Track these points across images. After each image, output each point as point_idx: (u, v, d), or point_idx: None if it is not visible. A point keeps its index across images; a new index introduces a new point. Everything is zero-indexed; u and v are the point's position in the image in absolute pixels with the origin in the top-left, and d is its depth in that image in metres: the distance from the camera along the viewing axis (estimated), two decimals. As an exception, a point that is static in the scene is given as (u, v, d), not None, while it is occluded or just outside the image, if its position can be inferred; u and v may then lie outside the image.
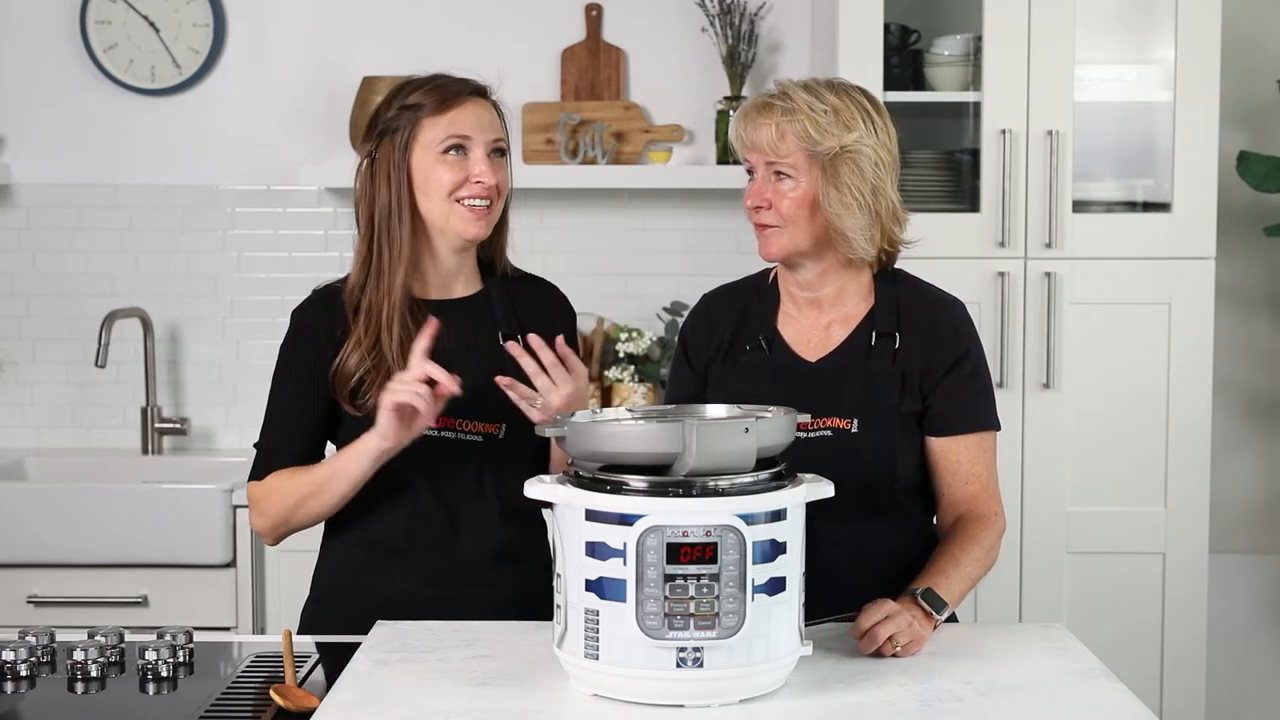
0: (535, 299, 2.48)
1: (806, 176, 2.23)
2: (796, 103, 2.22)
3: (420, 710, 1.85)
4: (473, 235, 2.35)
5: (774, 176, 2.25)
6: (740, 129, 2.27)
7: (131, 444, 4.08)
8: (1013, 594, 3.57)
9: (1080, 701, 1.91)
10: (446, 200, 2.33)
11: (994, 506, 2.30)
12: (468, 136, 2.34)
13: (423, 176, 2.34)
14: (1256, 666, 4.12)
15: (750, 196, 2.27)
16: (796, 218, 2.25)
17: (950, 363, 2.29)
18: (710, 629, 1.78)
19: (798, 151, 2.22)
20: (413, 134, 2.34)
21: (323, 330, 2.37)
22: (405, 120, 2.34)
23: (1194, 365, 3.56)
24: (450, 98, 2.35)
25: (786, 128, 2.22)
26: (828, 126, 2.21)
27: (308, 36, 4.06)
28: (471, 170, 2.33)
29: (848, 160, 2.22)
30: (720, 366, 2.36)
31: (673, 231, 4.08)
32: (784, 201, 2.25)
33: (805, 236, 2.26)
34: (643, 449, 1.84)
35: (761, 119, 2.24)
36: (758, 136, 2.24)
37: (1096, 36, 3.70)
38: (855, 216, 2.24)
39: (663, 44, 4.06)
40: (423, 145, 2.33)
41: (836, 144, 2.21)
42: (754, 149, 2.25)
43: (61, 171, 4.07)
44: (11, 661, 2.07)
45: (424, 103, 2.34)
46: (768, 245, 2.28)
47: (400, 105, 2.36)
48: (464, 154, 2.34)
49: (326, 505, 2.34)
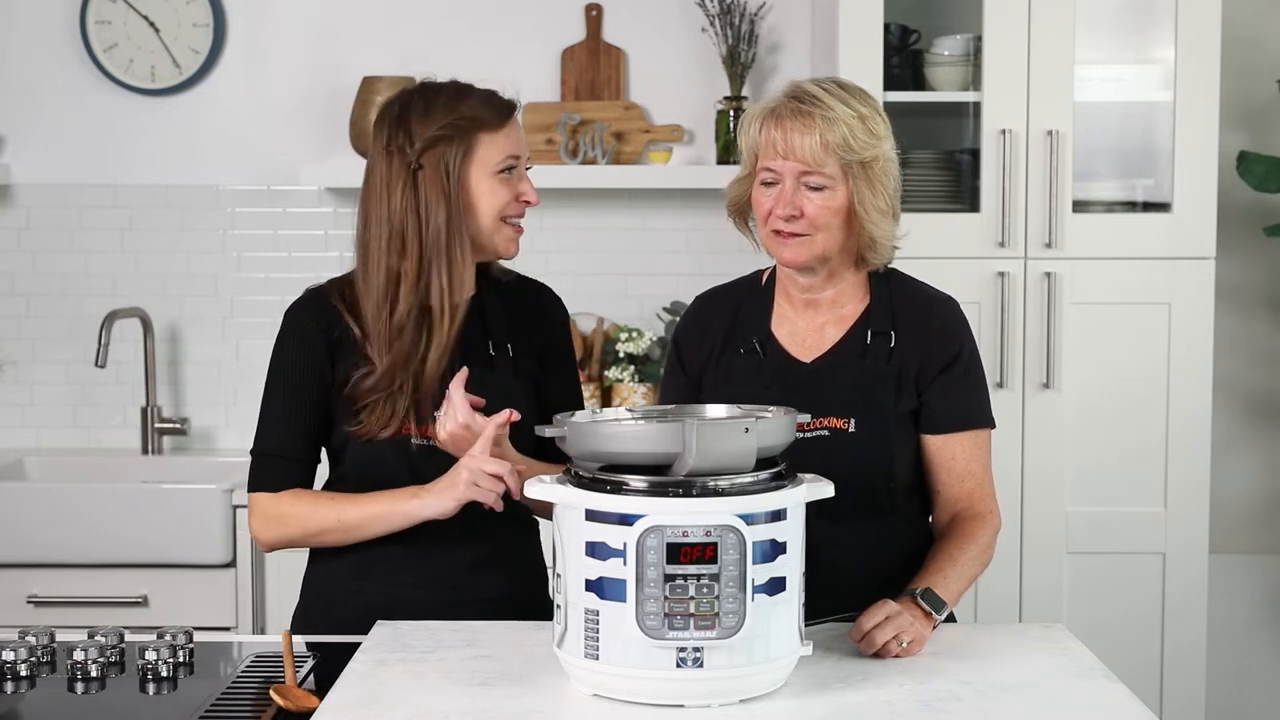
0: (528, 303, 2.45)
1: (842, 185, 2.22)
2: (837, 112, 2.20)
3: (420, 710, 1.85)
4: (512, 254, 2.36)
5: (804, 185, 2.22)
6: (772, 136, 2.22)
7: (131, 444, 4.08)
8: (1012, 594, 3.57)
9: (1080, 701, 1.91)
10: (495, 219, 2.30)
11: (989, 504, 2.31)
12: (519, 156, 2.32)
13: (477, 193, 2.28)
14: (1256, 666, 4.12)
15: (781, 205, 2.23)
16: (830, 226, 2.24)
17: (945, 361, 2.30)
18: (710, 629, 1.78)
19: (833, 161, 2.21)
20: (470, 149, 2.27)
21: (317, 331, 2.33)
22: (462, 134, 2.27)
23: (1194, 365, 3.56)
24: (506, 114, 2.30)
25: (830, 138, 2.19)
26: (863, 135, 2.21)
27: (308, 36, 4.06)
28: (519, 189, 2.31)
29: (880, 168, 2.23)
30: (714, 369, 2.35)
31: (673, 231, 4.08)
32: (820, 211, 2.22)
33: (835, 244, 2.26)
34: (643, 449, 1.84)
35: (802, 127, 2.20)
36: (799, 145, 2.20)
37: (1096, 36, 3.70)
38: (888, 224, 2.26)
39: (663, 44, 4.06)
40: (480, 162, 2.28)
41: (871, 154, 2.21)
42: (788, 156, 2.21)
43: (61, 171, 4.07)
44: (11, 661, 2.07)
45: (484, 117, 2.28)
46: (795, 253, 2.25)
47: (456, 117, 2.27)
48: (511, 173, 2.31)
49: (350, 541, 2.32)
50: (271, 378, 2.36)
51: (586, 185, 3.96)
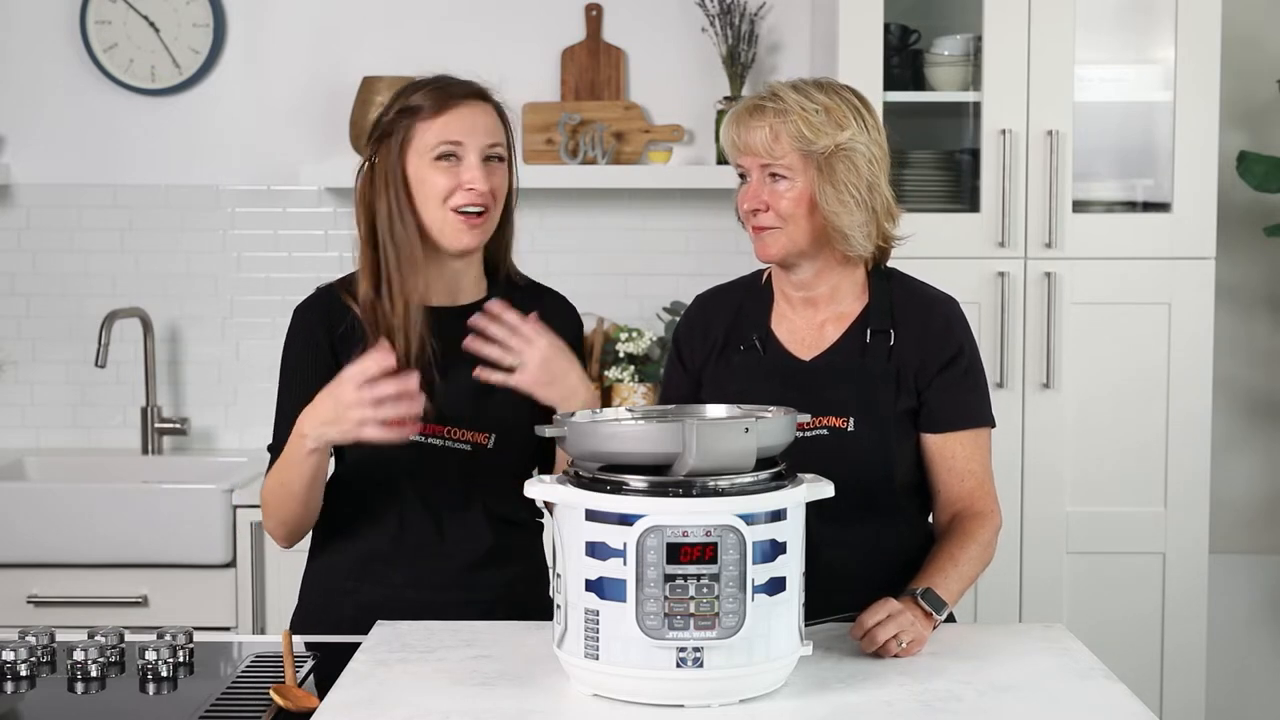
0: (538, 308, 2.44)
1: (802, 176, 2.24)
2: (788, 103, 2.22)
3: (420, 710, 1.85)
4: (463, 246, 2.32)
5: (769, 178, 2.25)
6: (732, 133, 2.27)
7: (131, 444, 4.08)
8: (1012, 594, 3.57)
9: (1080, 701, 1.91)
10: (441, 208, 2.30)
11: (990, 503, 2.31)
12: (459, 142, 2.30)
13: (417, 180, 2.30)
14: (1256, 666, 4.12)
15: (746, 199, 2.27)
16: (795, 217, 2.25)
17: (944, 360, 2.30)
18: (710, 629, 1.78)
19: (792, 152, 2.23)
20: (407, 138, 2.30)
21: (322, 329, 2.35)
22: (401, 124, 2.31)
23: (1194, 365, 3.56)
24: (446, 101, 2.30)
25: (780, 129, 2.22)
26: (821, 125, 2.22)
27: (308, 36, 4.06)
28: (462, 177, 2.29)
29: (843, 158, 2.23)
30: (714, 368, 2.36)
31: (673, 231, 4.08)
32: (781, 202, 2.25)
33: (803, 236, 2.27)
34: (643, 449, 1.84)
35: (754, 121, 2.24)
36: (751, 139, 2.24)
37: (1096, 36, 3.70)
38: (853, 214, 2.25)
39: (663, 44, 4.06)
40: (417, 150, 2.30)
41: (831, 143, 2.22)
42: (747, 152, 2.25)
43: (61, 171, 4.07)
44: (11, 661, 2.07)
45: (420, 105, 2.30)
46: (766, 247, 2.28)
47: (397, 108, 2.32)
48: (456, 160, 2.30)
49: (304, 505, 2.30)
50: (281, 376, 2.39)
51: (586, 185, 3.97)
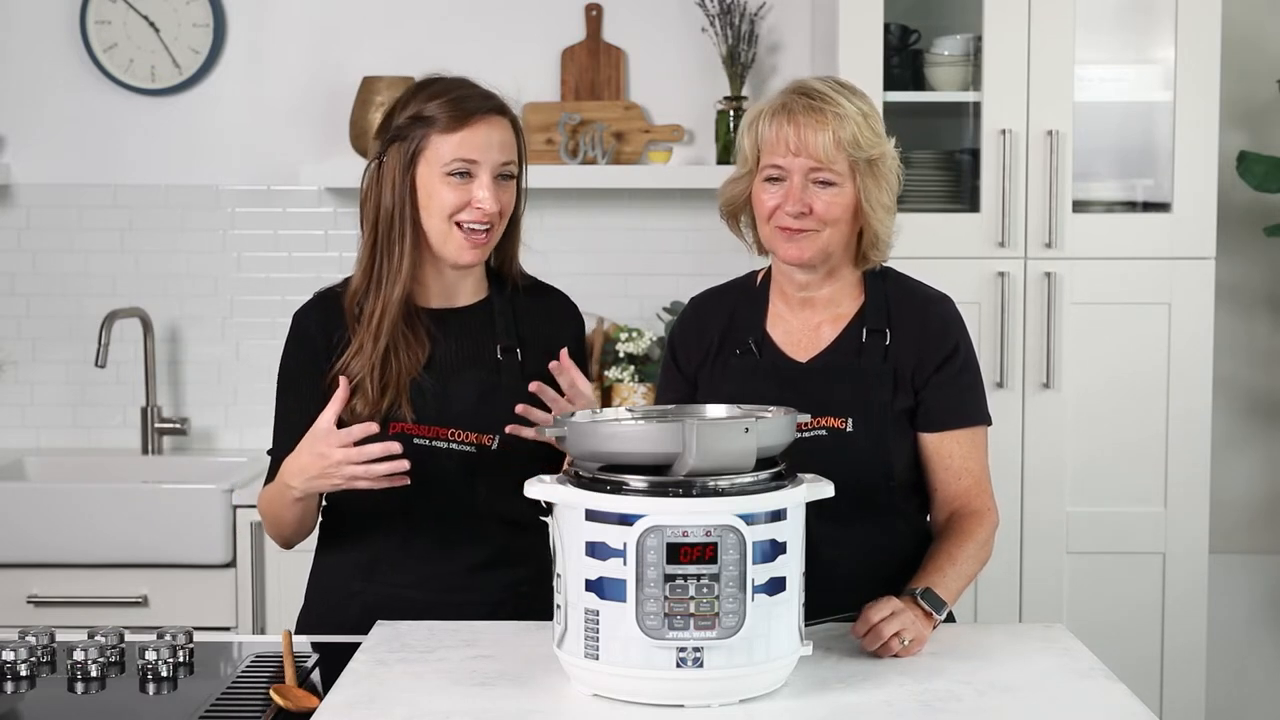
0: (541, 309, 2.44)
1: (850, 182, 2.24)
2: (846, 110, 2.22)
3: (420, 710, 1.85)
4: (464, 261, 2.32)
5: (814, 183, 2.23)
6: (784, 132, 2.22)
7: (131, 444, 4.08)
8: (1012, 594, 3.57)
9: (1080, 701, 1.91)
10: (446, 221, 2.29)
11: (987, 502, 2.31)
12: (475, 161, 2.28)
13: (426, 192, 2.29)
14: (1256, 666, 4.12)
15: (790, 201, 2.23)
16: (839, 222, 2.25)
17: (941, 359, 2.30)
18: (710, 629, 1.78)
19: (843, 159, 2.22)
20: (420, 147, 2.28)
21: (320, 335, 2.35)
22: (415, 132, 2.29)
23: (1194, 365, 3.56)
24: (464, 117, 2.28)
25: (841, 135, 2.21)
26: (869, 134, 2.23)
27: (308, 36, 4.06)
28: (474, 195, 2.28)
29: (883, 166, 2.25)
30: (710, 371, 2.36)
31: (673, 231, 4.08)
32: (830, 208, 2.23)
33: (840, 241, 2.27)
34: (643, 449, 1.84)
35: (815, 123, 2.21)
36: (813, 142, 2.21)
37: (1096, 36, 3.70)
38: (890, 220, 2.28)
39: (663, 44, 4.06)
40: (429, 161, 2.28)
41: (878, 151, 2.24)
42: (801, 153, 2.22)
43: (61, 171, 4.07)
44: (11, 661, 2.08)
45: (437, 116, 2.28)
46: (801, 250, 2.26)
47: (413, 114, 2.30)
48: (469, 178, 2.29)
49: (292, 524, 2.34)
50: (279, 382, 2.40)
51: (586, 185, 3.97)
